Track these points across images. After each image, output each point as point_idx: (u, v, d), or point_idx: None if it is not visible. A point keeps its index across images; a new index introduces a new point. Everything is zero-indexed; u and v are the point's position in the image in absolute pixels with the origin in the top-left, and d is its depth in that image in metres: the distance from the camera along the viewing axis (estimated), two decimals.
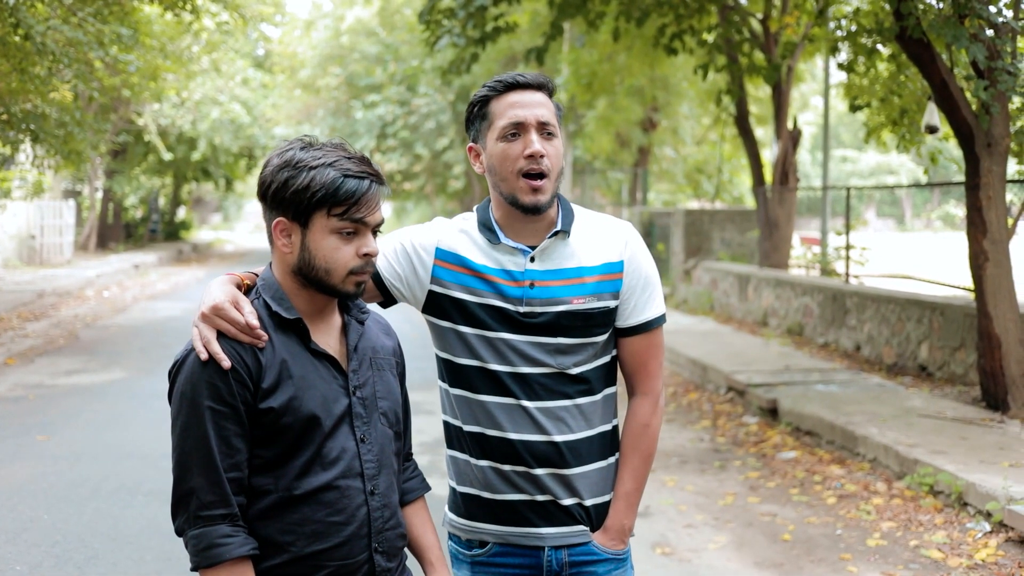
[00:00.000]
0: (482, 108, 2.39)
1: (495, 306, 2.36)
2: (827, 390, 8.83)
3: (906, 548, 5.49)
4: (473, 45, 11.99)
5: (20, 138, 15.85)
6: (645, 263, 2.44)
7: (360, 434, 2.15)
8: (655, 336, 2.46)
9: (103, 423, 8.26)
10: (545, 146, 2.33)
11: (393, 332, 2.38)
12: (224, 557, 1.99)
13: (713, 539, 5.71)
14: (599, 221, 2.47)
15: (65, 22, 12.45)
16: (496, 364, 2.37)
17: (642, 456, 2.46)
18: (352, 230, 2.09)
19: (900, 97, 10.42)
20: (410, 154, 29.68)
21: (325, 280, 2.10)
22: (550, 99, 2.39)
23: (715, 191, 24.43)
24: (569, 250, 2.39)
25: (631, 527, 2.46)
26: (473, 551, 2.46)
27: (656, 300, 2.45)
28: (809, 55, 16.82)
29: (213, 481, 2.01)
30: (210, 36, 25.04)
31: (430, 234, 2.47)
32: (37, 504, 6.11)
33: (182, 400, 2.04)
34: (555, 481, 2.37)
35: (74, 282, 19.12)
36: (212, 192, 50.47)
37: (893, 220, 59.95)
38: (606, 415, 2.45)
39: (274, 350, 2.08)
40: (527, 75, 2.39)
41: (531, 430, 2.36)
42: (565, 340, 2.36)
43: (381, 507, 2.15)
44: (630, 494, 2.45)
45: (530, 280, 2.36)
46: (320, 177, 2.05)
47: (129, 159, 30.57)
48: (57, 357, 11.58)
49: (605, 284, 2.38)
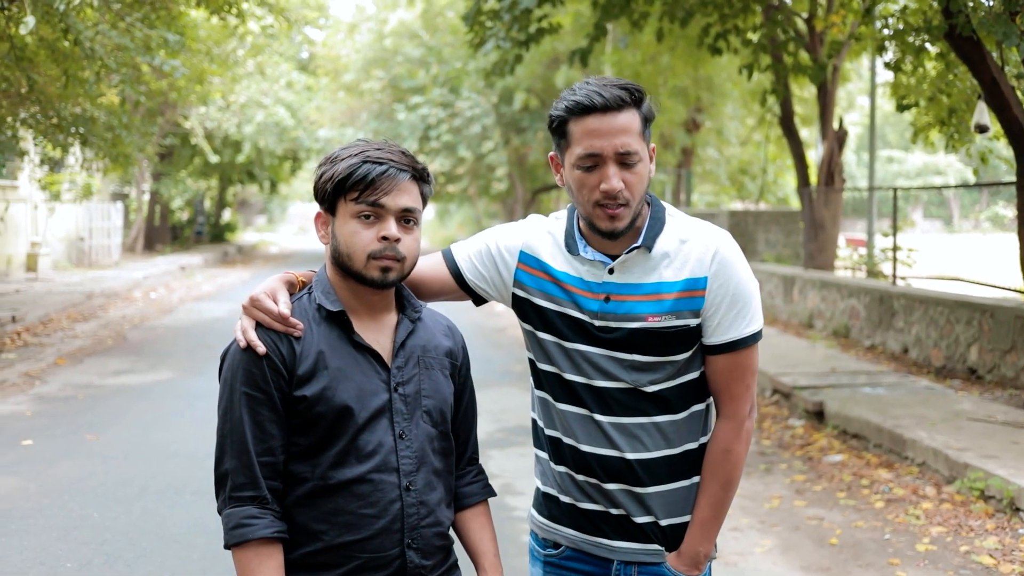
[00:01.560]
0: (560, 127, 2.23)
1: (572, 316, 2.29)
2: (874, 393, 8.72)
3: (956, 554, 5.41)
4: (517, 47, 12.01)
5: (69, 141, 16.10)
6: (735, 279, 2.25)
7: (399, 430, 2.16)
8: (741, 357, 2.28)
9: (150, 423, 8.35)
10: (625, 177, 2.18)
11: (456, 334, 2.37)
12: (249, 537, 2.05)
13: (759, 543, 5.66)
14: (692, 232, 2.29)
15: (113, 27, 12.61)
16: (571, 374, 2.30)
17: (721, 483, 2.31)
18: (370, 214, 2.11)
19: (949, 96, 10.30)
20: (453, 156, 29.75)
21: (350, 266, 2.14)
22: (638, 111, 2.20)
23: (759, 192, 24.26)
24: (651, 264, 2.26)
25: (707, 554, 2.34)
26: (547, 550, 2.44)
27: (745, 319, 2.27)
28: (855, 54, 16.67)
29: (245, 464, 2.08)
30: (255, 40, 25.26)
31: (518, 235, 2.41)
32: (87, 502, 6.19)
33: (224, 385, 2.13)
34: (627, 497, 2.30)
35: (122, 284, 19.37)
36: (257, 194, 50.91)
37: (941, 221, 59.20)
38: (692, 433, 2.33)
39: (313, 340, 2.13)
40: (607, 93, 2.17)
41: (603, 444, 2.29)
42: (641, 357, 2.25)
43: (416, 504, 2.16)
44: (707, 522, 2.32)
45: (606, 294, 2.26)
46: (343, 164, 2.12)
47: (175, 162, 30.93)
48: (105, 357, 11.73)
49: (685, 302, 2.24)
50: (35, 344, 12.45)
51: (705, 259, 2.25)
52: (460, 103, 28.69)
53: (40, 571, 5.07)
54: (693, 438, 2.33)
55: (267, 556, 2.06)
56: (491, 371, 11.00)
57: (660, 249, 2.27)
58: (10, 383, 9.89)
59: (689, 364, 2.30)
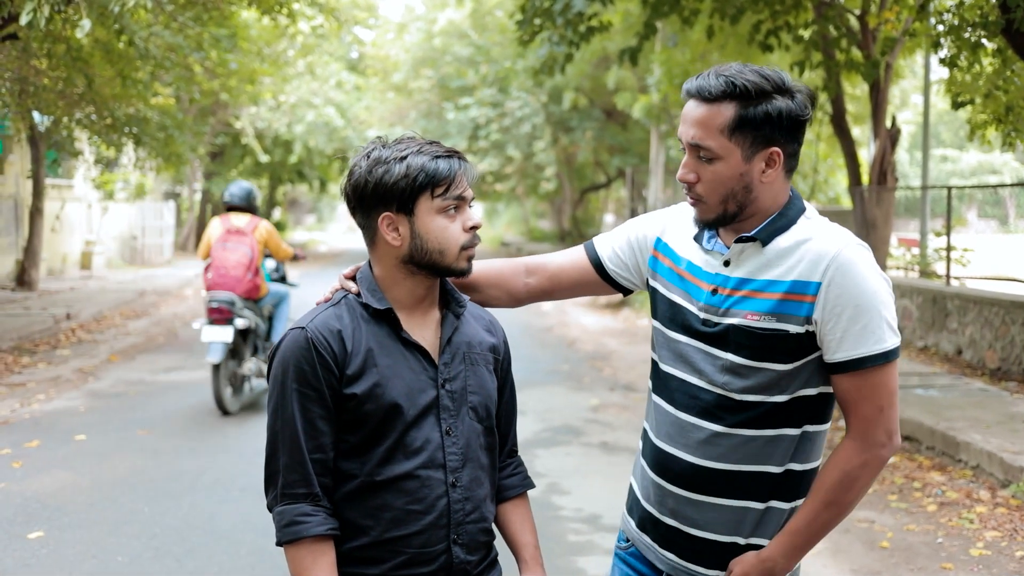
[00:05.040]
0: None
1: (680, 305, 2.23)
2: (927, 395, 8.59)
3: (1011, 559, 5.30)
4: (568, 47, 12.01)
5: (123, 141, 16.35)
6: (858, 289, 2.05)
7: (446, 426, 2.16)
8: (870, 376, 2.06)
9: (200, 419, 8.43)
10: (699, 169, 2.12)
11: (498, 329, 2.37)
12: (303, 534, 2.06)
13: None
14: (818, 233, 2.13)
15: (166, 27, 12.77)
16: (667, 365, 2.26)
17: (825, 502, 2.12)
18: (455, 207, 2.14)
19: (1006, 93, 10.10)
20: (502, 155, 29.77)
21: (440, 262, 2.15)
22: (738, 105, 2.06)
23: (810, 191, 24.01)
24: (764, 260, 2.13)
25: (785, 570, 2.18)
26: (621, 542, 2.44)
27: (875, 335, 2.05)
28: (909, 51, 16.41)
29: (297, 461, 2.09)
30: (305, 40, 25.48)
31: (657, 223, 2.38)
32: (138, 497, 6.26)
33: (274, 382, 2.13)
34: (686, 504, 2.22)
35: (173, 282, 19.61)
36: (307, 194, 51.36)
37: (996, 221, 58.24)
38: (776, 456, 2.16)
39: (362, 338, 2.14)
40: (706, 81, 2.08)
41: (676, 443, 2.22)
42: (735, 358, 2.13)
43: (462, 500, 2.16)
44: (796, 533, 2.15)
45: (715, 286, 2.17)
46: (415, 163, 2.11)
47: (227, 161, 31.27)
48: (157, 354, 11.88)
49: (791, 305, 2.08)
50: (89, 341, 12.64)
51: (821, 263, 2.07)
52: (510, 103, 28.70)
53: (92, 565, 5.14)
54: (776, 462, 2.16)
55: (320, 553, 2.07)
56: (537, 370, 10.98)
57: (777, 246, 2.14)
58: (64, 379, 10.04)
59: (790, 380, 2.13)
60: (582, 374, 10.95)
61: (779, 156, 2.11)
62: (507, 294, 2.46)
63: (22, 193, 18.59)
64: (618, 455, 7.44)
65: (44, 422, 8.20)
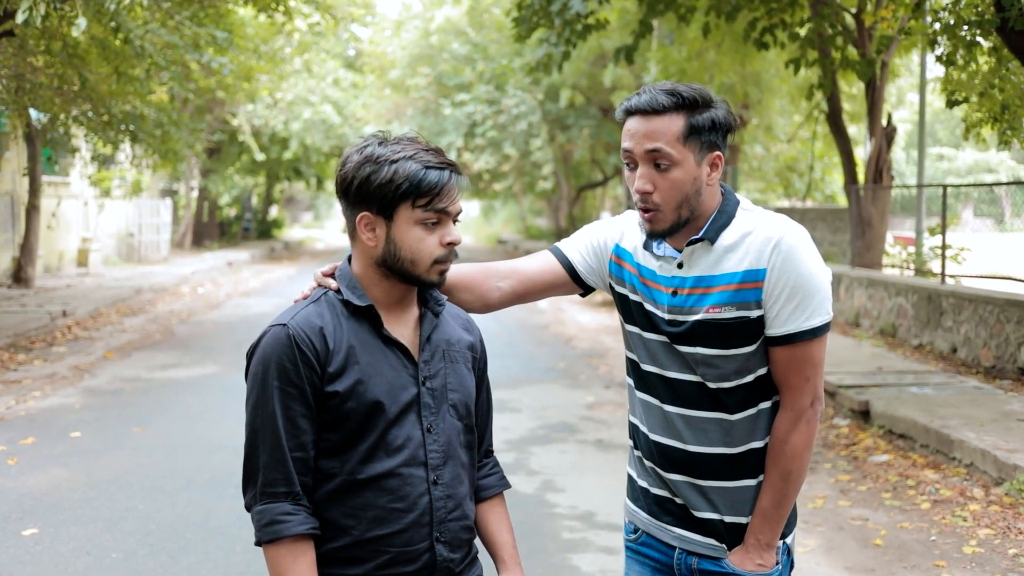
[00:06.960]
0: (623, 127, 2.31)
1: (647, 309, 2.37)
2: (921, 392, 8.61)
3: (1005, 557, 5.32)
4: (565, 45, 12.02)
5: (120, 138, 16.34)
6: (796, 271, 2.23)
7: (427, 424, 2.16)
8: (800, 350, 2.26)
9: (196, 416, 8.44)
10: (655, 179, 2.23)
11: (475, 327, 2.38)
12: (283, 534, 2.05)
13: (803, 543, 5.61)
14: (758, 223, 2.29)
15: (163, 25, 12.76)
16: (647, 364, 2.39)
17: (780, 473, 2.30)
18: (435, 220, 2.13)
19: (1001, 92, 10.12)
20: (499, 153, 29.75)
21: (411, 271, 2.14)
22: (684, 116, 2.21)
23: (806, 189, 24.02)
24: (715, 256, 2.28)
25: (768, 543, 2.34)
26: (629, 535, 2.52)
27: (806, 311, 2.24)
28: (905, 49, 16.44)
29: (278, 459, 2.07)
30: (302, 37, 25.47)
31: (616, 229, 2.51)
32: (133, 493, 6.27)
33: (254, 379, 2.11)
34: (690, 489, 2.35)
35: (170, 279, 19.60)
36: (303, 191, 51.28)
37: (991, 220, 58.33)
38: (759, 431, 2.33)
39: (343, 335, 2.13)
40: (649, 96, 2.23)
41: (668, 435, 2.36)
42: (704, 350, 2.28)
43: (444, 497, 2.17)
44: (765, 511, 2.32)
45: (674, 288, 2.31)
46: (403, 170, 2.09)
47: (223, 159, 31.24)
48: (153, 351, 11.88)
49: (746, 292, 2.25)
50: (85, 338, 12.64)
51: (766, 250, 2.24)
52: (506, 100, 28.70)
53: (86, 561, 5.15)
54: (759, 437, 2.33)
55: (300, 553, 2.06)
56: (534, 368, 10.99)
57: (724, 242, 2.29)
58: (60, 376, 10.05)
59: (756, 360, 2.30)
60: (578, 371, 10.96)
61: (720, 160, 2.28)
62: (479, 298, 2.51)
63: (18, 190, 18.58)
64: (613, 452, 7.45)
65: (39, 419, 8.21)
